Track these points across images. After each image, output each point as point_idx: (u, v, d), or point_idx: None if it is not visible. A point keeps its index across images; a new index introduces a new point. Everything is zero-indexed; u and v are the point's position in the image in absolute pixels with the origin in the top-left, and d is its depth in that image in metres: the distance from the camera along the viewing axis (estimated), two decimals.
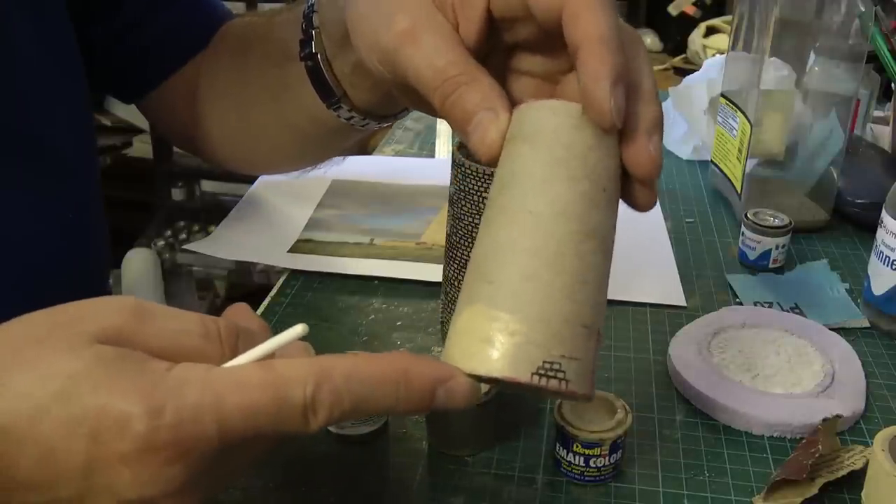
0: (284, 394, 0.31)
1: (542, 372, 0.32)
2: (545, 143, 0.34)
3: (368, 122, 0.52)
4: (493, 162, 0.36)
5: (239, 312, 0.37)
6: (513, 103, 0.37)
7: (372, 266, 0.71)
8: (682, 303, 0.67)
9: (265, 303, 0.66)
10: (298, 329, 0.34)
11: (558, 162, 0.34)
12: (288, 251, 0.73)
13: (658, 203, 0.83)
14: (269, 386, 0.31)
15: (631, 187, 0.38)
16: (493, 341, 0.32)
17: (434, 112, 0.39)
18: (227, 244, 0.76)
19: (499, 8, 0.37)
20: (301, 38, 0.50)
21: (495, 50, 0.39)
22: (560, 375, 0.32)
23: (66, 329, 0.31)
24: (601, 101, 0.33)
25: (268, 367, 0.32)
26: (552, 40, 0.37)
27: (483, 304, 0.33)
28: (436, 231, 0.76)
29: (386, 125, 0.54)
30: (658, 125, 0.36)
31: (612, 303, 0.66)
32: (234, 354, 0.33)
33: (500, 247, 0.34)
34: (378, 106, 0.51)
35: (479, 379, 0.33)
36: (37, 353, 0.31)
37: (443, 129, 1.01)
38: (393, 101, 0.48)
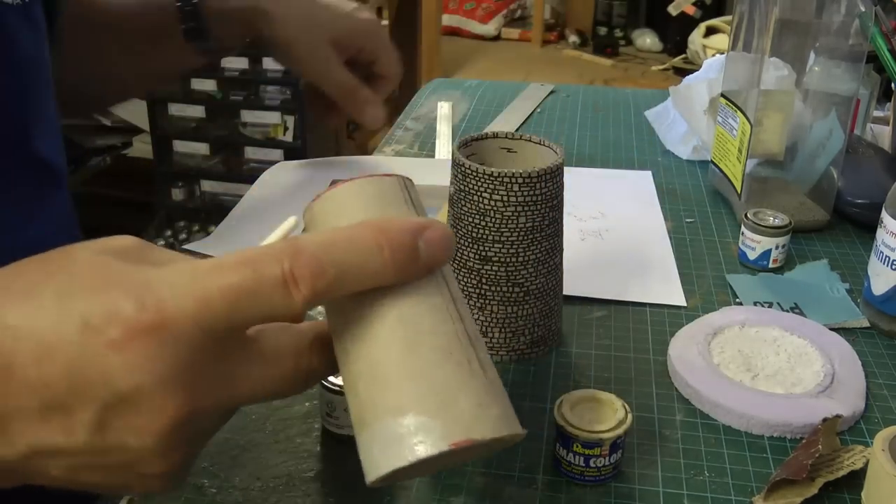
0: (261, 269, 0.31)
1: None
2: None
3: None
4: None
5: None
6: None
7: None
8: (682, 303, 0.67)
9: None
10: (291, 221, 0.35)
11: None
12: None
13: (657, 203, 0.83)
14: (245, 263, 0.31)
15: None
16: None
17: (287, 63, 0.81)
18: (227, 244, 0.76)
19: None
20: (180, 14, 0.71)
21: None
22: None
23: (62, 249, 0.34)
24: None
25: (243, 252, 0.32)
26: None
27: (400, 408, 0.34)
28: None
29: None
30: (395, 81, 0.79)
31: (612, 303, 0.66)
32: None
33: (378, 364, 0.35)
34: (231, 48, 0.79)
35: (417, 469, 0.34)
36: (41, 262, 0.33)
37: (443, 129, 1.01)
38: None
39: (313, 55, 0.75)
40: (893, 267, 0.61)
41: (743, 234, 0.72)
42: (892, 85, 0.85)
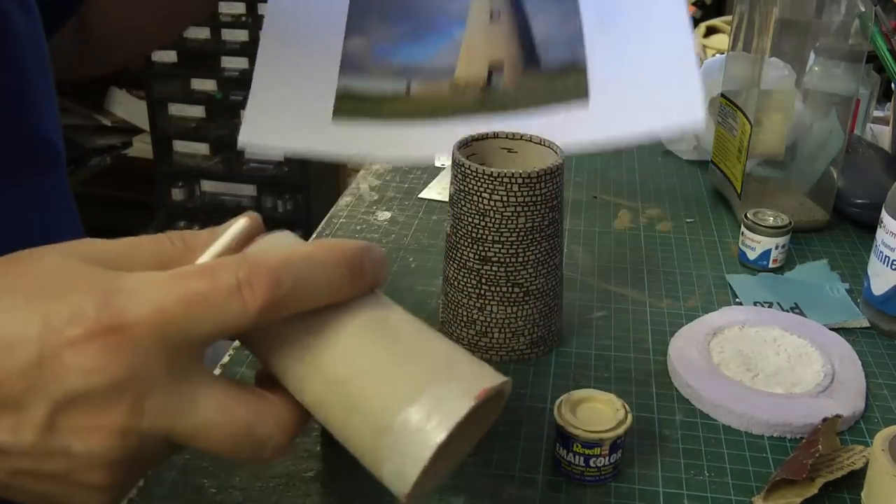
0: (217, 276, 0.32)
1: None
2: None
3: None
4: None
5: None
6: None
7: (415, 139, 0.63)
8: (699, 119, 0.57)
9: None
10: (241, 223, 0.36)
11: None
12: (332, 119, 0.64)
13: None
14: (202, 272, 0.32)
15: None
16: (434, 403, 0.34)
17: None
18: (264, 130, 0.66)
19: None
20: None
21: None
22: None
23: (31, 252, 0.34)
24: None
25: (202, 263, 0.33)
26: None
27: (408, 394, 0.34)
28: (466, 62, 0.67)
29: None
30: None
31: (612, 303, 0.66)
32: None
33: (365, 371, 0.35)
34: None
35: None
36: (9, 263, 0.33)
37: None
38: None
39: None
40: (893, 267, 0.61)
41: (743, 234, 0.72)
42: (892, 85, 0.85)
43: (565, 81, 0.62)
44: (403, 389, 0.34)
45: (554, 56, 0.63)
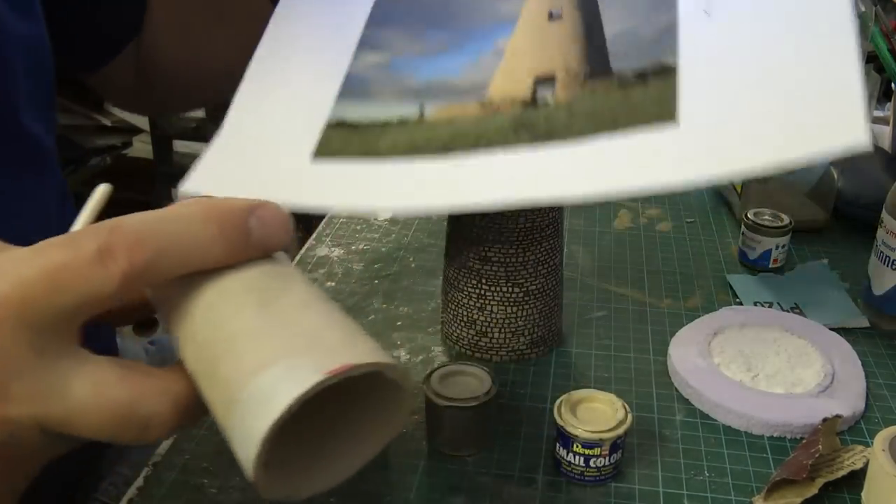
0: (78, 245, 0.30)
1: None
2: None
3: None
4: None
5: None
6: None
7: (415, 184, 0.42)
8: (863, 138, 0.33)
9: None
10: (101, 189, 0.35)
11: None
12: (313, 156, 0.45)
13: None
14: (63, 242, 0.30)
15: None
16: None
17: None
18: (219, 174, 0.45)
19: None
20: None
21: None
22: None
23: None
24: None
25: (65, 234, 0.31)
26: None
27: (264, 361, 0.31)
28: (507, 74, 0.47)
29: None
30: None
31: (612, 302, 0.66)
32: None
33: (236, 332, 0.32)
34: None
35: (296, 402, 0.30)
36: None
37: None
38: None
39: None
40: (893, 267, 0.61)
41: (743, 234, 0.72)
42: (892, 85, 0.85)
43: (645, 92, 0.41)
44: (256, 361, 0.30)
45: (632, 58, 0.43)
